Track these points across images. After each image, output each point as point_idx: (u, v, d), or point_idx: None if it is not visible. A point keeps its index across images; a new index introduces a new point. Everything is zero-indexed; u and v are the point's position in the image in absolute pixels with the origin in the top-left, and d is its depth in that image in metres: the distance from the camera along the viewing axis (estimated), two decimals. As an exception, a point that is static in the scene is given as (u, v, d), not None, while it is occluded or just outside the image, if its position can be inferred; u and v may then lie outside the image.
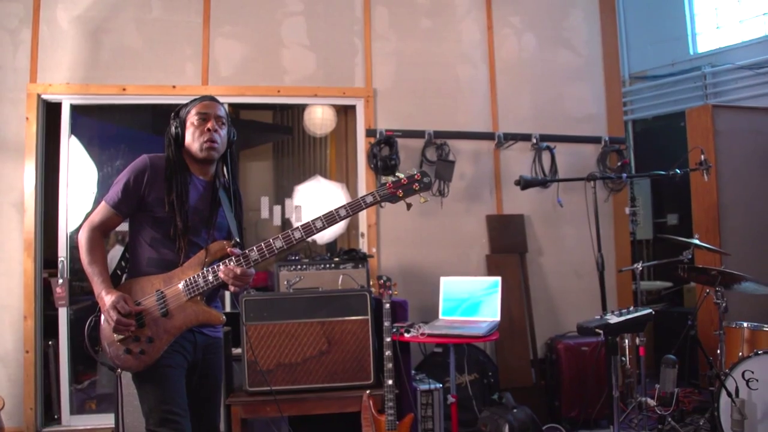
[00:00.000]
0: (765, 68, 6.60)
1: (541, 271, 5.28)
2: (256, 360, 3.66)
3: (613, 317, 2.58)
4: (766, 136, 5.46)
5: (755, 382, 3.54)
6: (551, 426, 4.38)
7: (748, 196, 5.32)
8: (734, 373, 3.63)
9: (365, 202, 2.49)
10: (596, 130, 5.53)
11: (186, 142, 2.54)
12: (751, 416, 3.59)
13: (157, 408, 2.36)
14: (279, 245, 2.43)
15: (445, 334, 3.90)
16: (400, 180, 2.53)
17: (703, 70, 7.08)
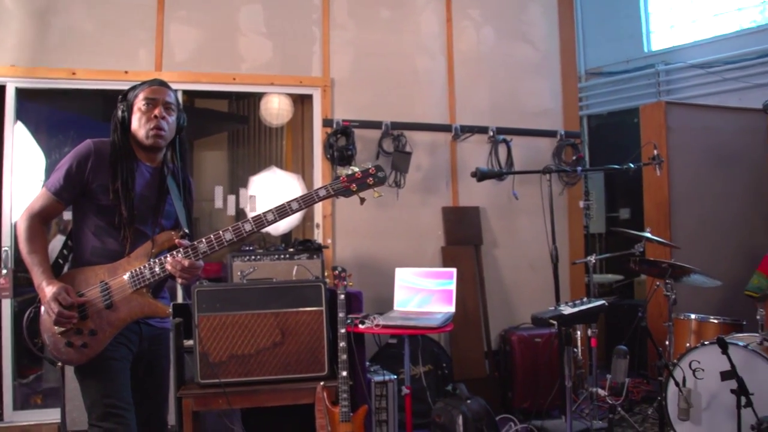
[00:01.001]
0: (715, 68, 6.74)
1: (495, 264, 5.31)
2: (208, 352, 3.60)
3: (567, 308, 2.60)
4: (716, 133, 5.57)
5: (701, 372, 3.60)
6: (504, 416, 4.41)
7: (698, 192, 5.42)
8: (682, 363, 3.70)
9: (318, 195, 2.45)
10: (552, 124, 5.58)
11: (132, 127, 2.46)
12: (696, 404, 3.66)
13: (100, 402, 2.29)
14: (229, 237, 2.38)
15: (399, 325, 3.89)
16: (355, 174, 2.50)
17: (656, 68, 7.20)
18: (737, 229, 5.51)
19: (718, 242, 5.41)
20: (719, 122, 5.63)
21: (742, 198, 5.63)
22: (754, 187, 5.73)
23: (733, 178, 5.59)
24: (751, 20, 6.73)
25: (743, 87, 6.46)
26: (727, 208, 5.53)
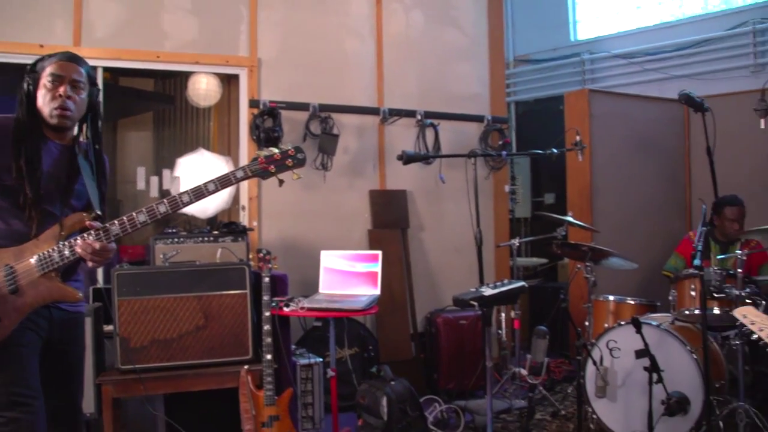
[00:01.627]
0: (637, 58, 6.95)
1: (422, 247, 5.36)
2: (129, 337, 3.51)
3: (487, 290, 2.64)
4: (637, 121, 5.75)
5: (617, 351, 3.72)
6: (429, 397, 4.47)
7: (619, 178, 5.59)
8: (599, 342, 3.82)
9: (235, 176, 2.40)
10: (479, 110, 5.64)
11: (38, 103, 2.32)
12: (612, 382, 3.79)
13: (5, 391, 2.18)
14: (143, 219, 2.30)
15: (324, 307, 3.89)
16: (273, 155, 2.46)
17: (582, 57, 7.37)
18: (654, 214, 5.71)
19: (636, 226, 5.60)
20: (640, 111, 5.80)
21: (660, 184, 5.84)
22: (671, 174, 5.94)
23: (651, 164, 5.79)
24: (671, 14, 6.97)
25: (663, 78, 6.68)
26: (645, 193, 5.72)
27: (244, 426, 3.51)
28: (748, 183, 5.58)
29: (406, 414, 3.48)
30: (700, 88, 5.89)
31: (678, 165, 5.98)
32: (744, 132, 4.26)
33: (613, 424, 3.81)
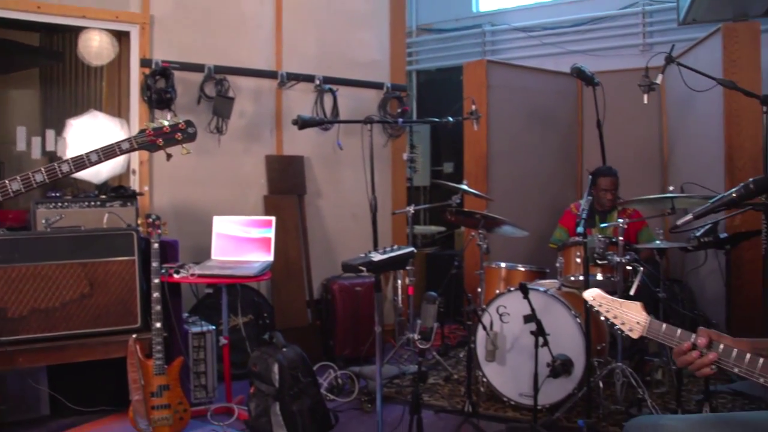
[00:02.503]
0: (535, 32, 7.09)
1: (319, 213, 5.32)
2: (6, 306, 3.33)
3: (376, 255, 2.64)
4: (533, 93, 5.88)
5: (507, 316, 3.84)
6: (324, 364, 4.47)
7: (515, 148, 5.72)
8: (490, 308, 3.92)
9: (120, 148, 2.29)
10: (379, 76, 5.61)
11: None
12: (502, 346, 3.90)
13: None
14: (16, 188, 2.15)
15: (215, 274, 3.81)
16: (162, 128, 2.36)
17: (483, 28, 7.46)
18: (547, 185, 5.89)
19: (530, 196, 5.76)
20: (536, 83, 5.94)
21: (554, 156, 6.01)
22: (564, 147, 6.13)
23: (546, 136, 5.95)
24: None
25: (559, 52, 6.86)
26: (539, 164, 5.88)
27: (133, 396, 3.41)
28: (634, 155, 5.85)
29: (297, 380, 3.46)
30: (593, 63, 6.07)
31: (571, 137, 6.17)
32: (632, 107, 4.44)
33: (502, 386, 3.93)
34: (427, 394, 4.23)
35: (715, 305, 4.53)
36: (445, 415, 3.88)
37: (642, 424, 1.86)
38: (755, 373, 1.59)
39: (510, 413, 3.86)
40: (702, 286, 4.96)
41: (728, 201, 1.87)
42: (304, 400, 3.46)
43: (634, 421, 1.89)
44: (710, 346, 1.64)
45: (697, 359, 1.64)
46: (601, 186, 4.64)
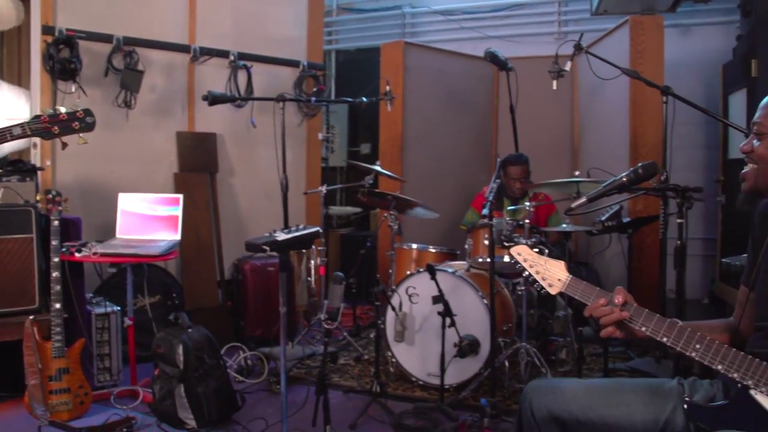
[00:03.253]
0: (455, 16, 7.13)
1: (231, 192, 5.21)
2: None
3: (281, 234, 2.60)
4: (450, 76, 5.91)
5: (416, 297, 3.86)
6: (234, 345, 4.40)
7: (430, 131, 5.75)
8: (399, 289, 3.93)
9: (11, 134, 2.20)
10: (296, 54, 5.52)
11: None
12: (411, 327, 3.93)
13: None
14: None
15: (119, 253, 3.68)
16: (59, 115, 2.26)
17: (403, 10, 7.44)
18: (462, 168, 5.96)
19: (444, 178, 5.81)
20: (453, 67, 5.98)
21: (469, 139, 6.09)
22: (479, 131, 6.21)
23: (461, 119, 6.01)
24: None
25: (478, 37, 6.91)
26: (454, 147, 5.94)
27: (29, 381, 3.29)
28: (547, 140, 5.99)
29: (203, 362, 3.39)
30: (511, 49, 6.18)
31: (486, 121, 6.26)
32: (546, 94, 4.53)
33: (411, 366, 3.96)
34: (337, 375, 4.23)
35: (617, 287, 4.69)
36: (354, 395, 3.89)
37: (541, 386, 1.92)
38: (660, 333, 1.67)
39: (418, 393, 3.89)
40: (607, 269, 5.13)
41: (619, 185, 1.94)
42: (210, 382, 3.39)
43: (534, 383, 1.95)
44: (624, 305, 1.71)
45: (610, 313, 1.70)
46: (510, 174, 4.71)
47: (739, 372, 1.58)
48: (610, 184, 1.95)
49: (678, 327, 1.66)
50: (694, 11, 6.09)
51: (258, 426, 3.38)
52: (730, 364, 1.59)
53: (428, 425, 3.36)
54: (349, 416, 3.51)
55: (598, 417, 1.78)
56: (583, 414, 1.79)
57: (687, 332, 1.64)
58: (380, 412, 3.57)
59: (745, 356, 1.59)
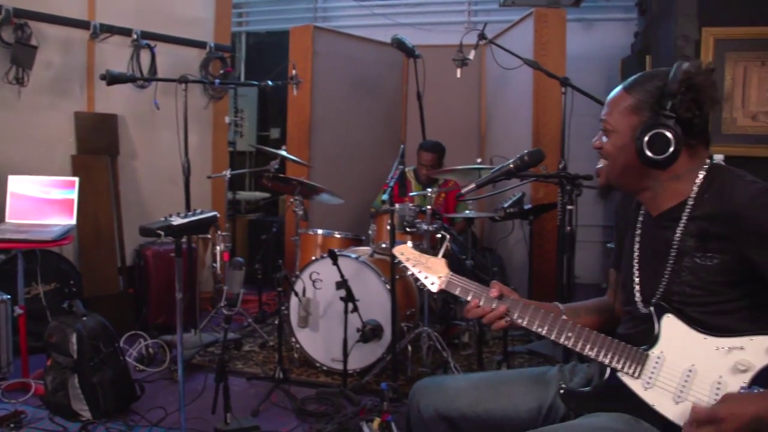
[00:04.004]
0: (367, 2, 7.12)
1: (134, 176, 5.04)
2: None
3: (177, 219, 2.54)
4: (360, 62, 5.91)
5: (320, 283, 3.85)
6: (135, 333, 4.29)
7: (339, 116, 5.74)
8: (303, 275, 3.92)
9: None
10: (202, 35, 5.36)
11: None
12: (314, 313, 3.93)
13: None
14: None
15: (8, 238, 3.51)
16: None
17: (316, -6, 7.38)
18: (371, 154, 5.97)
19: (353, 165, 5.81)
20: (363, 53, 5.97)
21: (378, 126, 6.10)
22: (389, 117, 6.24)
23: (371, 106, 6.02)
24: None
25: (390, 24, 6.92)
26: (363, 133, 5.95)
27: None
28: (456, 128, 6.08)
29: (98, 350, 3.28)
30: (422, 37, 6.23)
31: (396, 108, 6.29)
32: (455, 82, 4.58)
33: (315, 352, 3.97)
34: (241, 362, 4.19)
35: (521, 272, 4.83)
36: (258, 381, 3.85)
37: (427, 386, 1.94)
38: (535, 323, 1.73)
39: (322, 378, 3.90)
40: (510, 255, 5.27)
41: (506, 171, 1.98)
42: (106, 372, 3.29)
43: (420, 383, 1.97)
44: (500, 298, 1.75)
45: (489, 312, 1.74)
46: (421, 160, 4.77)
47: (608, 356, 1.65)
48: (498, 171, 2.00)
49: (552, 317, 1.72)
50: (597, 7, 6.31)
51: (157, 415, 3.31)
52: (600, 349, 1.66)
53: (331, 410, 3.38)
54: (252, 403, 3.49)
55: (484, 411, 1.82)
56: (470, 410, 1.82)
57: (560, 321, 1.71)
58: (283, 399, 3.57)
59: (612, 340, 1.66)
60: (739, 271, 1.54)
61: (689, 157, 1.64)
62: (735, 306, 1.57)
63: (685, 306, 1.61)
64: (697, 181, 1.63)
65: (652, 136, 1.57)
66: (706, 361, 1.55)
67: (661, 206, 1.69)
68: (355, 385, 3.65)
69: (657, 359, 1.61)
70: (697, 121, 1.60)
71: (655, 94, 1.61)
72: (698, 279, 1.59)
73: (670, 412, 1.55)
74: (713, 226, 1.57)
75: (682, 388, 1.55)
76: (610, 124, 1.69)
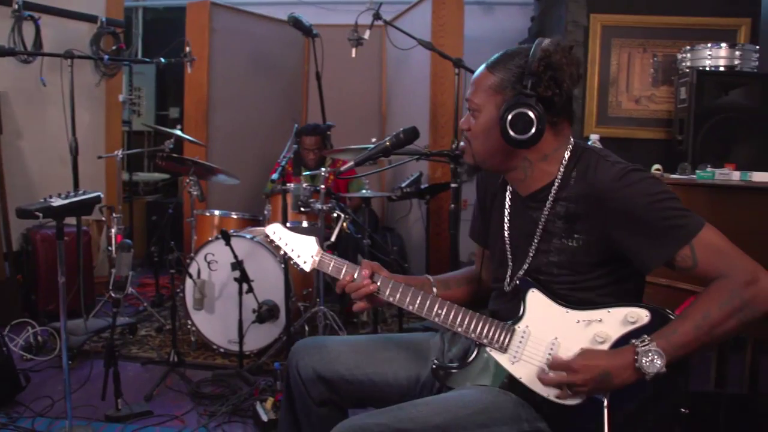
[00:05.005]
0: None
1: (19, 156, 4.80)
2: None
3: (57, 200, 2.45)
4: (259, 40, 5.80)
5: (215, 264, 3.80)
6: (23, 321, 4.12)
7: (236, 95, 5.63)
8: (198, 256, 3.85)
9: None
10: (93, 8, 5.12)
11: None
12: (210, 294, 3.87)
13: None
14: None
15: None
16: None
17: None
18: (271, 134, 5.89)
19: (253, 144, 5.74)
20: (263, 31, 5.86)
21: (279, 105, 6.03)
22: (290, 97, 6.18)
23: (271, 85, 5.94)
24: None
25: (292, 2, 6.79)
26: (263, 112, 5.86)
27: None
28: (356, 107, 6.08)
29: (-23, 340, 3.14)
30: (324, 16, 6.18)
31: (296, 87, 6.23)
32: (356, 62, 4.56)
33: (211, 334, 3.92)
34: (136, 347, 4.10)
35: (419, 251, 4.91)
36: (153, 366, 3.78)
37: (307, 345, 1.92)
38: (406, 301, 1.75)
39: (219, 360, 3.86)
40: (409, 234, 5.34)
41: (383, 149, 2.00)
42: (-15, 362, 3.15)
43: (300, 343, 1.95)
44: (372, 277, 1.76)
45: (359, 288, 1.75)
46: (304, 144, 4.74)
47: (476, 332, 1.69)
48: (375, 149, 2.01)
49: (421, 294, 1.74)
50: (496, -9, 6.42)
51: (43, 404, 3.19)
52: (468, 326, 1.70)
53: (226, 392, 3.35)
54: (146, 388, 3.42)
55: (364, 375, 1.83)
56: (350, 373, 1.84)
57: (429, 299, 1.73)
58: (178, 382, 3.52)
59: (480, 316, 1.70)
60: (604, 250, 1.60)
61: (554, 136, 1.65)
62: (599, 282, 1.64)
63: (551, 284, 1.67)
64: (563, 161, 1.66)
65: (515, 115, 1.57)
66: (568, 334, 1.61)
67: (529, 187, 1.71)
68: (252, 366, 3.63)
69: (523, 333, 1.66)
70: (558, 99, 1.60)
71: (516, 73, 1.62)
72: (565, 259, 1.64)
73: (536, 384, 1.62)
74: (578, 206, 1.61)
75: (547, 361, 1.62)
76: (475, 104, 1.70)
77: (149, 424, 3.05)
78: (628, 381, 1.48)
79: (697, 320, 1.46)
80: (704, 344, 1.48)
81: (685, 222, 1.52)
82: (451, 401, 1.63)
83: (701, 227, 1.51)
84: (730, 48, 3.77)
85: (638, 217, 1.53)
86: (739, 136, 3.68)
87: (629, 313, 1.57)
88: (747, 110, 3.70)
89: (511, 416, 1.60)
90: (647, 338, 1.48)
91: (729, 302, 1.45)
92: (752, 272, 1.47)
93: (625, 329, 1.57)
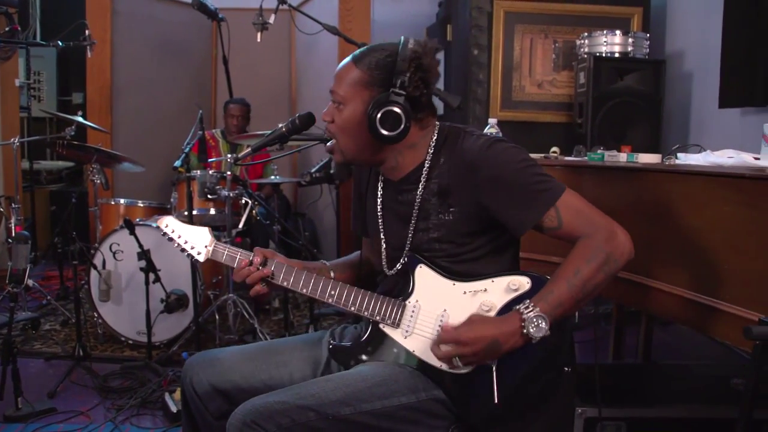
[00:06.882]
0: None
1: None
2: None
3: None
4: (165, 24, 5.67)
5: (121, 254, 3.72)
6: None
7: (142, 80, 5.50)
8: (102, 246, 3.76)
9: None
10: (-17, -12, 4.90)
11: None
12: (117, 285, 3.79)
13: None
14: None
15: None
16: None
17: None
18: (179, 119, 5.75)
19: (161, 130, 5.60)
20: (168, 14, 5.73)
21: (187, 90, 5.90)
22: (198, 81, 6.06)
23: (179, 70, 5.81)
24: None
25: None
26: (171, 98, 5.73)
27: None
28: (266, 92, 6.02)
29: None
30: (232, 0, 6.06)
31: (205, 72, 6.12)
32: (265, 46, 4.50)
33: (119, 326, 3.84)
34: (39, 342, 3.97)
35: (331, 235, 4.94)
36: (57, 361, 3.67)
37: (200, 360, 1.89)
38: (300, 285, 1.78)
39: (128, 353, 3.79)
40: (321, 219, 5.36)
41: (279, 135, 2.00)
42: None
43: (192, 359, 1.92)
44: (265, 263, 1.78)
45: (253, 272, 1.76)
46: (230, 112, 4.72)
47: (369, 310, 1.75)
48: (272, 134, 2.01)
49: (314, 277, 1.78)
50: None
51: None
52: (360, 304, 1.75)
53: (135, 384, 3.30)
54: (50, 384, 3.31)
55: (260, 382, 1.82)
56: (246, 382, 1.82)
57: (322, 281, 1.77)
58: (84, 377, 3.43)
59: (372, 294, 1.76)
60: (479, 219, 1.68)
61: (420, 128, 1.73)
62: (480, 253, 1.72)
63: (435, 259, 1.73)
64: (431, 143, 1.74)
65: (384, 113, 1.61)
66: (456, 305, 1.69)
67: (401, 172, 1.77)
68: (161, 357, 3.59)
69: (413, 308, 1.73)
70: (425, 99, 1.69)
71: (384, 70, 1.66)
72: (444, 233, 1.71)
73: (429, 355, 1.68)
74: (451, 180, 1.69)
75: (438, 333, 1.68)
76: (341, 96, 1.72)
77: (53, 422, 2.97)
78: (516, 346, 1.56)
79: (569, 278, 1.56)
80: (578, 300, 1.58)
81: (550, 186, 1.62)
82: (351, 377, 1.68)
83: (563, 191, 1.62)
84: (624, 35, 3.93)
85: (507, 183, 1.62)
86: (634, 119, 3.85)
87: (512, 281, 1.66)
88: (640, 95, 3.87)
89: (408, 386, 1.66)
90: (530, 303, 1.55)
91: (594, 258, 1.56)
92: (610, 229, 1.58)
93: (508, 296, 1.66)
